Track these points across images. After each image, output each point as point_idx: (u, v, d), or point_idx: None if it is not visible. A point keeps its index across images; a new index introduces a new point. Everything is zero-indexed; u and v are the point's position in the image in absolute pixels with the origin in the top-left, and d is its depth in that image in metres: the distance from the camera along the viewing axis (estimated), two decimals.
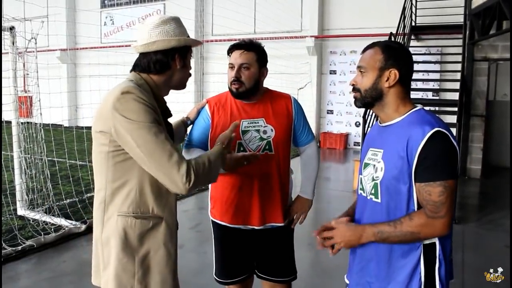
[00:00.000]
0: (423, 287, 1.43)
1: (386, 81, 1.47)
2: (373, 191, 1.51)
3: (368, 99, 1.51)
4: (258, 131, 2.09)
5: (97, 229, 1.56)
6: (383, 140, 1.51)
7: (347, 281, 1.68)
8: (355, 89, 1.54)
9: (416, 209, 1.42)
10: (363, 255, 1.55)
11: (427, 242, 1.44)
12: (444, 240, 1.45)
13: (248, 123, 2.09)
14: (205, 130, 2.14)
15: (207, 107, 2.16)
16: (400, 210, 1.44)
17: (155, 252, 1.53)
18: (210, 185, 2.24)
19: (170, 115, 1.70)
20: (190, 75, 1.66)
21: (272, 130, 2.10)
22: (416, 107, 1.51)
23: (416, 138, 1.37)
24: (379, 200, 1.49)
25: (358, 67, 1.54)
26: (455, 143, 1.39)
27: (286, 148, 2.17)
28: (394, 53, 1.48)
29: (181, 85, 1.64)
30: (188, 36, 1.61)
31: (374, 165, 1.51)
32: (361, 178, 1.59)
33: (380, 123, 1.57)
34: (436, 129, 1.37)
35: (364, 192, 1.57)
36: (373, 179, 1.50)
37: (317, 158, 2.32)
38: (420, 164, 1.37)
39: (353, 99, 1.58)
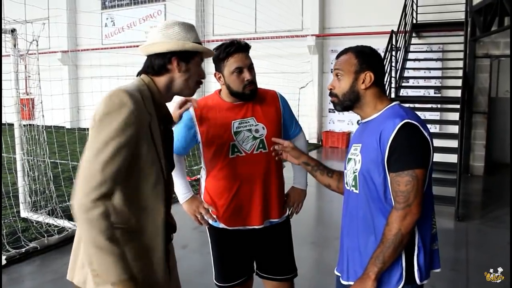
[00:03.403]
0: (404, 273, 1.51)
1: (362, 83, 1.58)
2: (353, 183, 1.60)
3: (347, 102, 1.62)
4: (250, 130, 2.09)
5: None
6: (362, 135, 1.62)
7: (338, 273, 1.74)
8: (332, 94, 1.65)
9: (392, 197, 1.50)
10: (349, 246, 1.64)
11: None
12: (422, 229, 1.53)
13: (239, 123, 2.08)
14: (188, 136, 2.13)
15: (192, 111, 2.12)
16: (377, 199, 1.53)
17: None
18: (202, 191, 2.24)
19: (171, 120, 1.67)
20: (198, 82, 1.61)
21: (263, 128, 2.10)
22: (392, 103, 1.61)
23: (388, 130, 1.47)
24: (357, 191, 1.58)
25: (335, 69, 1.63)
26: (426, 134, 1.48)
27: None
28: (367, 57, 1.60)
29: (184, 91, 1.60)
30: (198, 43, 1.58)
31: (354, 159, 1.61)
32: (345, 172, 1.69)
33: (361, 120, 1.69)
34: (405, 120, 1.46)
35: (348, 185, 1.67)
36: (353, 172, 1.60)
37: (306, 149, 2.37)
38: (391, 155, 1.47)
39: (332, 104, 1.68)
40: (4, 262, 3.74)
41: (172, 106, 1.72)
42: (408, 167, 1.45)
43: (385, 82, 6.90)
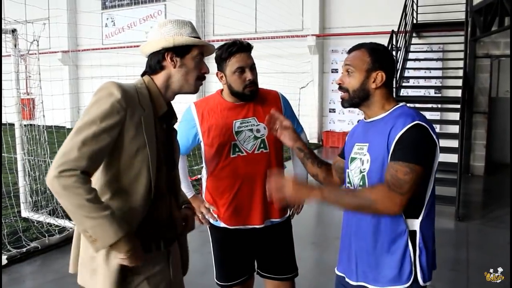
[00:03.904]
0: (413, 270, 1.50)
1: (373, 82, 1.56)
2: (361, 183, 1.58)
3: (356, 100, 1.60)
4: (251, 130, 2.10)
5: None
6: (369, 134, 1.60)
7: (340, 274, 1.73)
8: (342, 89, 1.62)
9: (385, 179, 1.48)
10: (357, 247, 1.61)
11: (410, 229, 1.51)
12: (424, 230, 1.52)
13: (241, 123, 2.10)
14: (189, 136, 2.14)
15: (194, 111, 2.14)
16: None
17: (100, 254, 1.46)
18: (203, 190, 2.26)
19: (174, 119, 1.68)
20: (200, 77, 1.61)
21: (265, 128, 2.10)
22: (399, 104, 1.60)
23: (397, 128, 1.47)
24: None
25: (346, 65, 1.60)
26: (434, 136, 1.47)
27: (280, 144, 2.18)
28: (380, 56, 1.57)
29: (184, 87, 1.60)
30: (195, 37, 1.59)
31: (361, 158, 1.58)
32: (348, 172, 1.66)
33: (365, 119, 1.66)
34: (416, 122, 1.45)
35: (352, 185, 1.64)
36: (361, 172, 1.58)
37: None
38: (395, 147, 1.46)
39: (340, 100, 1.64)
40: (5, 261, 3.75)
41: (177, 105, 1.71)
42: (408, 160, 1.42)
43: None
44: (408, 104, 1.63)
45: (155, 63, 1.56)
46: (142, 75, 1.60)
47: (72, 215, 1.36)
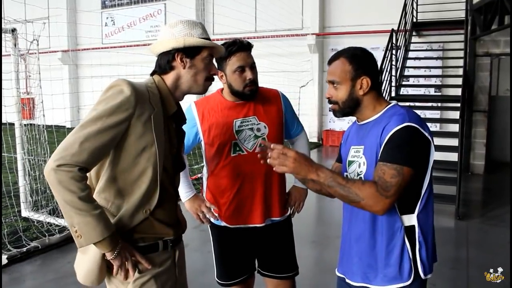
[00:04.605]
0: (413, 267, 1.51)
1: (360, 89, 1.56)
2: None
3: (347, 109, 1.61)
4: (251, 129, 2.10)
5: None
6: (363, 137, 1.60)
7: (341, 275, 1.73)
8: (332, 102, 1.63)
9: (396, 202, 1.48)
10: (359, 249, 1.61)
11: (407, 224, 1.52)
12: (422, 223, 1.53)
13: (241, 122, 2.10)
14: (190, 135, 2.14)
15: (194, 110, 2.14)
16: None
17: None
18: (204, 189, 2.26)
19: (183, 120, 1.69)
20: (209, 78, 1.62)
21: (265, 127, 2.11)
22: (390, 103, 1.60)
23: (388, 128, 1.47)
24: None
25: (330, 81, 1.60)
26: (426, 134, 1.47)
27: (280, 143, 2.18)
28: (361, 61, 1.57)
29: (193, 88, 1.61)
30: (206, 38, 1.58)
31: (358, 162, 1.58)
32: (346, 176, 1.65)
33: (358, 122, 1.66)
34: (406, 124, 1.45)
35: None
36: (358, 174, 1.58)
37: (308, 148, 2.38)
38: (384, 147, 1.46)
39: (332, 110, 1.65)
40: (5, 261, 3.75)
41: (185, 105, 1.72)
42: (396, 161, 1.42)
43: (384, 81, 6.90)
44: (408, 103, 1.63)
45: (165, 63, 1.56)
46: (152, 74, 1.61)
47: (62, 208, 1.38)
